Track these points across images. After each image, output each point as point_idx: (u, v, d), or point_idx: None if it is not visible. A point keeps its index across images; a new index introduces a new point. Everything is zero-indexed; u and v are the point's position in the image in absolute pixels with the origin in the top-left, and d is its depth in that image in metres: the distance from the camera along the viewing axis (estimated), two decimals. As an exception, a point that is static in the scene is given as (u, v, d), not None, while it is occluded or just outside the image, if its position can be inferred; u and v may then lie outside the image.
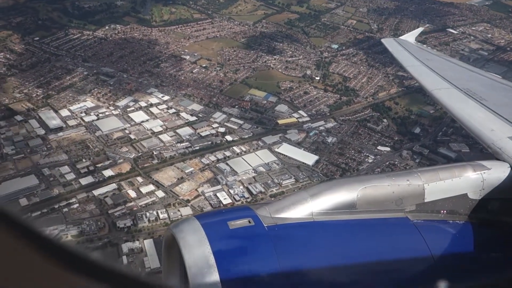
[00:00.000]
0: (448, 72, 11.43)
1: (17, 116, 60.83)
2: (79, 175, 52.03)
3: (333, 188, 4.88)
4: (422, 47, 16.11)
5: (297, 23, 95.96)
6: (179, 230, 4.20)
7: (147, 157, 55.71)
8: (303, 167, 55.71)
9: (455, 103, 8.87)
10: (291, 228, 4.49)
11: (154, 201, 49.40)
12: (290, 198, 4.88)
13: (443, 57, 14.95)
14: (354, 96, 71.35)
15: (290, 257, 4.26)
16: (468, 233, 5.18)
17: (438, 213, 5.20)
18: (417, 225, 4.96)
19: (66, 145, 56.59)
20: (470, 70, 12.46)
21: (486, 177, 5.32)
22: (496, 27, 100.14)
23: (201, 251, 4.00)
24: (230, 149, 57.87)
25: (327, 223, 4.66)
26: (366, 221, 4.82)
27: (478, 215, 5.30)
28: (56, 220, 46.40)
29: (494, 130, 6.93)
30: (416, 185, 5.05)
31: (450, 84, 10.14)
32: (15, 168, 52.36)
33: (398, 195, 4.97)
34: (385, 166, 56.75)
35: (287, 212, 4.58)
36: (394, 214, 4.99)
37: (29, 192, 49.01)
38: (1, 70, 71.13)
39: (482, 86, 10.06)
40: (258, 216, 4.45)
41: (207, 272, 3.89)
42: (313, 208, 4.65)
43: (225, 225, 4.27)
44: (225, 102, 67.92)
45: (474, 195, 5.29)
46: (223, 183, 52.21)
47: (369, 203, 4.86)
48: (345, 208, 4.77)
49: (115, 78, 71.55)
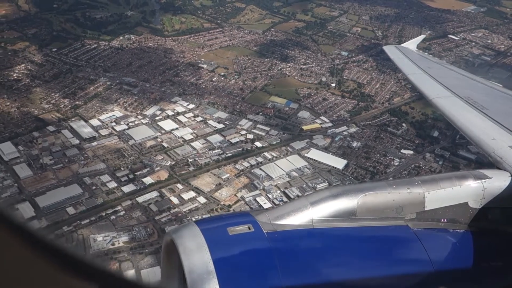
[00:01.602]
0: (449, 80, 11.50)
1: (49, 127, 61.82)
2: (120, 183, 53.35)
3: (333, 196, 4.84)
4: (423, 55, 16.24)
5: (305, 31, 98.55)
6: (178, 236, 4.16)
7: (183, 164, 57.25)
8: (334, 171, 57.87)
9: (456, 112, 8.82)
10: (291, 235, 4.46)
11: (197, 206, 50.98)
12: (290, 205, 4.88)
13: (444, 65, 14.89)
14: (370, 102, 73.89)
15: (290, 264, 4.24)
16: (468, 242, 5.14)
17: (438, 221, 5.18)
18: (417, 233, 4.94)
19: (102, 154, 57.83)
20: (471, 79, 12.56)
21: (487, 186, 5.29)
22: (494, 33, 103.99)
23: (200, 257, 3.97)
24: (261, 155, 59.75)
25: (327, 231, 4.63)
26: (366, 228, 4.79)
27: (478, 224, 5.27)
28: (106, 227, 47.72)
29: (495, 139, 6.88)
30: (416, 193, 5.05)
31: (451, 92, 10.09)
32: (56, 178, 53.45)
33: (398, 203, 4.96)
34: (411, 169, 59.28)
35: (287, 219, 4.56)
36: (394, 222, 4.97)
37: (74, 201, 50.20)
38: (25, 81, 71.83)
39: (483, 95, 10.18)
40: (258, 222, 4.41)
41: (206, 278, 3.86)
42: (313, 215, 4.62)
43: (225, 231, 4.25)
44: (249, 110, 69.84)
45: (475, 204, 5.26)
46: (260, 188, 54.07)
47: (369, 211, 4.84)
48: (345, 215, 4.74)
49: (137, 87, 72.96)
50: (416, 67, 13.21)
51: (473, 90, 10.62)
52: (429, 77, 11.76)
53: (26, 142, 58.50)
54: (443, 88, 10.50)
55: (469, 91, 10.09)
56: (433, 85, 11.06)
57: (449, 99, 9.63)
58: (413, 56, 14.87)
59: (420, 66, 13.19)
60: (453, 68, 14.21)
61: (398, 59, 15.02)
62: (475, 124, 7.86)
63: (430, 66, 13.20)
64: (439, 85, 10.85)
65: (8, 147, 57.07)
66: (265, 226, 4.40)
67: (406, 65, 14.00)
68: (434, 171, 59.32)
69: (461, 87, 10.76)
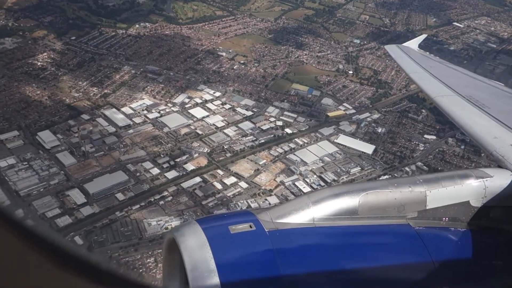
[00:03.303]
0: (450, 79, 11.49)
1: (83, 115, 62.88)
2: (162, 169, 54.98)
3: (335, 194, 4.86)
4: (424, 54, 16.20)
5: (315, 18, 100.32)
6: (180, 234, 4.18)
7: (219, 151, 59.05)
8: (364, 156, 60.31)
9: (458, 110, 8.84)
10: (292, 233, 4.47)
11: (240, 191, 52.95)
12: (291, 203, 4.88)
13: (445, 64, 14.67)
14: (388, 89, 76.35)
15: (291, 262, 4.26)
16: (469, 240, 5.16)
17: (440, 220, 5.19)
18: (419, 231, 4.96)
19: (139, 142, 59.25)
20: (473, 77, 12.55)
21: (488, 185, 5.32)
22: (496, 21, 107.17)
23: (201, 255, 4.00)
24: (293, 141, 61.84)
25: (329, 229, 4.65)
26: (368, 227, 4.83)
27: (479, 222, 5.30)
28: (156, 212, 49.45)
29: (496, 138, 6.88)
30: (418, 192, 5.08)
31: (452, 91, 10.09)
32: (99, 165, 54.82)
33: (400, 201, 4.98)
34: (436, 153, 62.07)
35: (289, 218, 4.58)
36: (395, 220, 4.99)
37: (122, 187, 51.75)
38: (51, 70, 72.42)
39: (484, 94, 10.17)
40: (260, 221, 4.43)
41: (208, 276, 3.89)
42: (315, 213, 4.65)
43: (226, 229, 4.27)
44: (273, 97, 71.68)
45: (476, 202, 5.29)
46: (297, 173, 56.23)
47: (371, 209, 4.87)
48: (347, 214, 4.77)
49: (162, 75, 74.12)
50: (418, 66, 13.30)
51: (474, 89, 10.60)
52: (431, 76, 11.83)
53: (64, 131, 59.56)
54: (444, 87, 10.52)
55: (471, 90, 10.12)
56: (435, 84, 11.12)
57: (450, 98, 9.66)
58: (414, 55, 14.97)
59: (421, 65, 13.27)
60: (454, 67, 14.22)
61: (400, 58, 14.95)
62: (476, 123, 7.88)
63: (431, 65, 13.29)
64: (441, 84, 10.87)
65: (47, 135, 58.13)
66: (266, 224, 4.40)
67: (408, 64, 13.97)
68: (458, 155, 62.31)
69: (463, 86, 10.86)
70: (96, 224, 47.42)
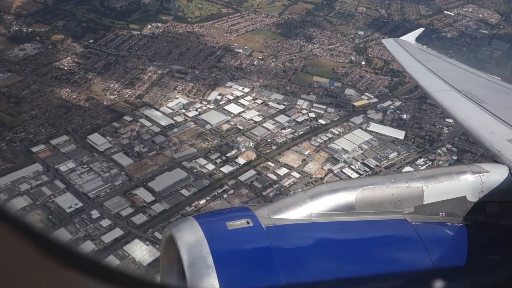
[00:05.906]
0: (447, 73, 11.50)
1: (125, 117, 64.52)
2: (216, 164, 57.53)
3: (332, 190, 4.85)
4: (422, 48, 16.24)
5: (316, 12, 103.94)
6: (177, 230, 4.20)
7: (264, 144, 62.00)
8: (397, 142, 64.53)
9: (455, 105, 8.85)
10: (289, 229, 4.48)
11: (294, 181, 56.16)
12: (288, 199, 4.86)
13: (442, 58, 14.73)
14: (402, 77, 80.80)
15: (289, 258, 4.26)
16: (466, 235, 5.16)
17: (436, 215, 5.20)
18: (416, 227, 4.95)
19: (186, 140, 61.50)
20: (470, 72, 12.58)
21: (485, 180, 5.32)
22: (482, 8, 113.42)
23: (199, 251, 4.00)
24: (329, 131, 65.42)
25: (326, 225, 4.66)
26: (365, 222, 4.83)
27: (476, 217, 5.31)
28: (224, 205, 52.02)
29: (493, 133, 6.91)
30: (415, 187, 5.07)
31: (450, 86, 10.06)
32: (155, 164, 56.92)
33: (397, 197, 4.98)
34: (460, 135, 66.86)
35: (286, 213, 4.58)
36: (392, 216, 4.99)
37: (184, 184, 54.11)
38: (80, 74, 73.37)
39: (481, 88, 10.25)
40: (257, 217, 4.43)
41: (205, 272, 3.89)
42: (312, 209, 4.65)
43: (224, 225, 4.27)
44: (298, 90, 74.98)
45: (473, 197, 5.29)
46: (341, 160, 59.87)
47: (368, 205, 4.87)
48: (344, 209, 4.77)
49: (189, 74, 76.19)
50: (414, 61, 13.32)
51: (471, 84, 10.70)
52: (428, 71, 11.85)
53: (111, 133, 61.17)
54: (441, 82, 10.53)
55: (468, 85, 10.16)
56: (432, 78, 11.15)
57: (447, 93, 9.65)
58: (411, 49, 15.02)
59: (418, 59, 13.29)
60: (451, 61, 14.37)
61: (396, 52, 15.10)
62: (473, 118, 7.91)
63: (428, 60, 13.34)
64: (437, 79, 10.89)
65: (98, 138, 59.67)
66: (263, 220, 4.42)
67: (405, 59, 14.05)
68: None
69: (460, 80, 10.94)
70: (170, 220, 49.68)
